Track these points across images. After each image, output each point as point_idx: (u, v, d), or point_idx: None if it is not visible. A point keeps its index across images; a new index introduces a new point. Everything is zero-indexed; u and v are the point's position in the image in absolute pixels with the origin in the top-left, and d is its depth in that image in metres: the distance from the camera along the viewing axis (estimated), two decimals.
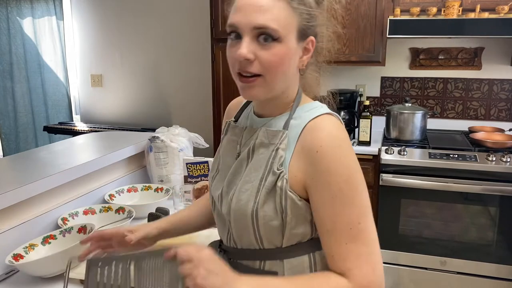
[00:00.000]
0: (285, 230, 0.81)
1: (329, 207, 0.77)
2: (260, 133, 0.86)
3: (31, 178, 1.33)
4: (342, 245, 0.76)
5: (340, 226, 0.76)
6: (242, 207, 0.82)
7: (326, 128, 0.80)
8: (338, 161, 0.77)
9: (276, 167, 0.80)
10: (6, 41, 3.87)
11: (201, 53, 3.31)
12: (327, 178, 0.76)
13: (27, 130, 4.04)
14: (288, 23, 0.78)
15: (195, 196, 1.67)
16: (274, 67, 0.78)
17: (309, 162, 0.78)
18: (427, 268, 2.45)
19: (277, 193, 0.80)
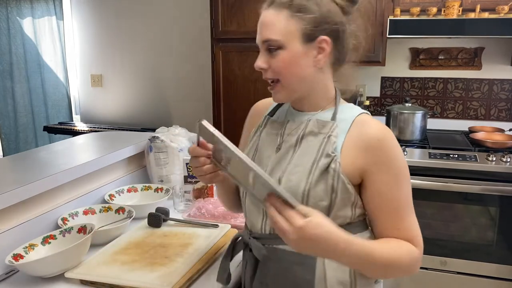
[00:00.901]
0: (331, 212, 0.90)
1: (394, 187, 0.89)
2: (310, 123, 0.95)
3: (31, 178, 1.33)
4: (406, 217, 0.91)
5: (403, 202, 0.90)
6: (292, 187, 0.90)
7: (376, 122, 0.93)
8: (397, 148, 0.91)
9: (331, 151, 0.90)
10: (6, 41, 3.87)
11: (201, 53, 3.30)
12: (391, 162, 0.89)
13: (27, 130, 4.04)
14: (289, 31, 0.89)
15: (195, 196, 1.67)
16: (284, 71, 0.91)
17: (370, 149, 0.89)
18: (427, 268, 2.45)
19: (330, 175, 0.88)
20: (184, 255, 1.20)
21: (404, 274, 0.90)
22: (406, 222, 0.91)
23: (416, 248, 0.90)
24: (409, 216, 0.91)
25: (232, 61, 2.64)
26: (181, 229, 1.39)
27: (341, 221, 0.91)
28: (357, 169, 0.90)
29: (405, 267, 0.89)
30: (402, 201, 0.90)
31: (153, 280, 1.07)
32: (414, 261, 0.90)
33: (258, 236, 0.98)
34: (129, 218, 1.43)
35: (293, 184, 0.90)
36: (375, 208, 0.92)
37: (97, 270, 1.13)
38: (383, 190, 0.89)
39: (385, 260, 0.86)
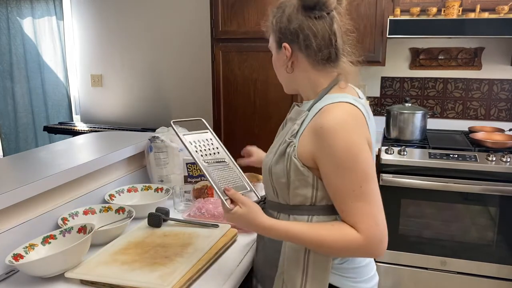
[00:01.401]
0: (290, 189, 1.05)
1: (333, 174, 0.97)
2: (292, 111, 1.13)
3: (31, 178, 1.33)
4: (348, 203, 0.96)
5: (345, 189, 0.96)
6: (265, 164, 1.11)
7: (334, 111, 0.99)
8: (339, 137, 0.95)
9: (288, 137, 1.04)
10: (6, 41, 3.87)
11: (201, 53, 3.31)
12: (330, 150, 0.96)
13: (27, 130, 4.04)
14: (272, 40, 1.12)
15: (195, 196, 1.67)
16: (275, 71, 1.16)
17: (315, 136, 0.98)
18: (427, 268, 2.45)
19: (285, 157, 1.03)
20: (184, 255, 1.20)
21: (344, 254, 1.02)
22: (348, 208, 0.96)
23: (358, 233, 0.95)
24: (353, 203, 0.95)
25: (232, 61, 2.64)
26: (181, 229, 1.39)
27: (302, 200, 1.05)
28: (308, 153, 1.00)
29: (337, 249, 0.97)
30: (344, 187, 0.96)
31: (153, 280, 1.07)
32: (352, 244, 0.95)
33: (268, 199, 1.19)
34: (129, 218, 1.43)
35: (265, 162, 1.11)
36: (327, 189, 1.01)
37: (97, 270, 1.13)
38: (327, 175, 0.99)
39: (311, 241, 0.98)
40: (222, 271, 1.18)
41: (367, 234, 0.94)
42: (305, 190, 1.03)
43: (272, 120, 2.59)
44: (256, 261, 1.23)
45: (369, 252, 0.96)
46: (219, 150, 1.18)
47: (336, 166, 0.95)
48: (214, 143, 1.18)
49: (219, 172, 1.11)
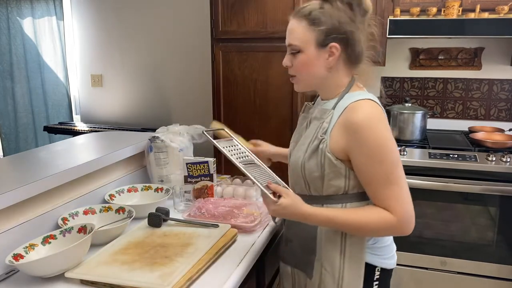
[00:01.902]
0: (324, 181, 1.15)
1: (367, 165, 1.08)
2: (316, 110, 1.21)
3: (31, 178, 1.33)
4: (380, 190, 1.09)
5: (378, 177, 1.08)
6: (296, 160, 1.20)
7: (363, 108, 1.10)
8: (371, 132, 1.07)
9: (321, 134, 1.14)
10: (6, 41, 3.87)
11: (201, 53, 3.30)
12: (363, 144, 1.07)
13: (27, 130, 4.04)
14: (307, 38, 1.13)
15: (195, 196, 1.67)
16: (300, 70, 1.17)
17: (348, 132, 1.09)
18: (427, 268, 2.45)
19: (318, 153, 1.14)
20: (184, 255, 1.20)
21: (380, 234, 1.16)
22: (382, 193, 1.09)
23: (392, 214, 1.07)
24: (385, 189, 1.08)
25: (232, 61, 2.64)
26: (181, 229, 1.39)
27: (335, 190, 1.16)
28: (340, 147, 1.11)
29: (375, 229, 1.10)
30: (376, 176, 1.08)
31: (153, 280, 1.07)
32: (387, 224, 1.08)
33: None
34: (129, 218, 1.43)
35: (295, 159, 1.20)
36: (359, 179, 1.13)
37: (97, 270, 1.13)
38: (360, 167, 1.10)
39: (349, 223, 1.10)
40: (222, 271, 1.18)
41: (399, 215, 1.07)
42: (338, 181, 1.14)
43: (272, 120, 2.59)
44: (288, 250, 1.32)
45: (401, 231, 1.09)
46: (247, 153, 1.28)
47: (369, 157, 1.07)
48: (241, 148, 1.30)
49: (255, 171, 1.19)
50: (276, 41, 2.48)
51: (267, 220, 1.48)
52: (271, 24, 2.49)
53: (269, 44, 2.51)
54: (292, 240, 1.29)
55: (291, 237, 1.29)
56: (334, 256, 1.18)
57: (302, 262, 1.26)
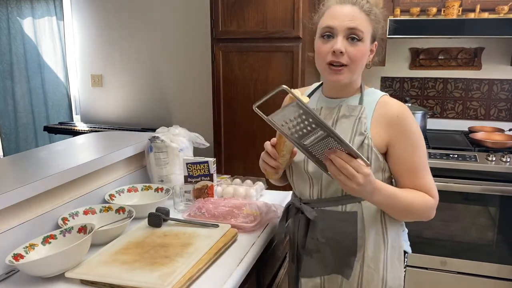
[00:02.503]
0: None
1: (411, 154, 1.14)
2: (342, 108, 1.20)
3: (31, 178, 1.33)
4: (421, 177, 1.16)
5: (419, 165, 1.15)
6: None
7: (395, 101, 1.18)
8: (413, 121, 1.15)
9: (363, 130, 1.14)
10: (6, 41, 3.87)
11: (201, 53, 3.30)
12: (408, 134, 1.14)
13: (27, 130, 4.04)
14: (366, 29, 1.13)
15: (195, 196, 1.67)
16: (358, 59, 1.13)
17: (391, 125, 1.14)
18: (427, 268, 2.45)
19: (364, 149, 1.13)
20: (184, 255, 1.20)
21: (420, 217, 1.17)
22: (422, 180, 1.15)
23: (432, 198, 1.16)
24: (424, 175, 1.16)
25: (232, 61, 2.64)
26: (181, 229, 1.39)
27: None
28: (383, 141, 1.15)
29: (422, 210, 1.15)
30: (417, 164, 1.15)
31: (153, 280, 1.07)
32: (428, 206, 1.16)
33: (307, 201, 1.25)
34: (129, 218, 1.43)
35: None
36: (398, 170, 1.17)
37: (97, 270, 1.13)
38: (403, 156, 1.15)
39: (405, 202, 1.13)
40: (222, 271, 1.18)
41: (436, 198, 1.16)
42: (378, 175, 1.17)
43: None
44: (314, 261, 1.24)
45: (433, 214, 1.17)
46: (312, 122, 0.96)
47: (413, 147, 1.14)
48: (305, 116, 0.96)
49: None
50: (276, 41, 2.48)
51: (267, 220, 1.48)
52: (271, 24, 2.49)
53: (269, 44, 2.51)
54: (320, 249, 1.23)
55: (319, 246, 1.23)
56: (379, 251, 1.19)
57: (338, 266, 1.23)
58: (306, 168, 1.22)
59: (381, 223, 1.20)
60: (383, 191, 1.09)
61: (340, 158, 0.98)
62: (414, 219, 1.19)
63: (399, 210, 1.15)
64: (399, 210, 1.15)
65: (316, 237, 1.22)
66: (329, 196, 1.20)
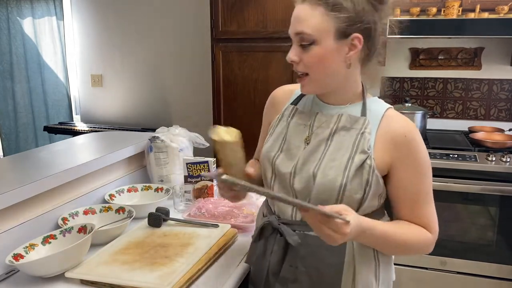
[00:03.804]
0: (364, 203, 0.97)
1: (415, 180, 0.98)
2: (343, 118, 1.00)
3: (31, 178, 1.33)
4: (422, 207, 1.00)
5: (423, 194, 0.99)
6: (330, 181, 0.96)
7: (403, 118, 1.00)
8: (421, 144, 0.97)
9: (366, 148, 0.96)
10: (6, 41, 3.87)
11: (201, 53, 3.30)
12: (415, 158, 0.97)
13: (27, 130, 4.04)
14: (323, 28, 0.92)
15: (195, 196, 1.67)
16: (314, 66, 0.95)
17: (397, 145, 0.96)
18: (427, 268, 2.45)
19: (365, 170, 0.95)
20: (184, 255, 1.20)
21: (415, 253, 1.04)
22: (422, 211, 1.00)
23: (430, 233, 1.01)
24: (425, 206, 1.00)
25: (232, 61, 2.64)
26: (181, 229, 1.39)
27: (369, 210, 1.01)
28: (385, 163, 0.97)
29: (417, 247, 1.01)
30: (421, 193, 0.99)
31: (153, 280, 1.07)
32: (426, 243, 1.01)
33: (288, 222, 1.04)
34: (129, 218, 1.43)
35: (330, 179, 0.96)
36: (397, 197, 1.01)
37: (97, 270, 1.13)
38: (405, 183, 0.98)
39: (397, 240, 0.98)
40: (222, 271, 1.18)
41: (435, 233, 1.01)
42: (374, 200, 1.01)
43: None
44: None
45: (430, 249, 1.02)
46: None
47: (419, 173, 0.97)
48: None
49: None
50: (276, 41, 2.48)
51: None
52: (271, 24, 2.50)
53: (269, 44, 2.51)
54: (298, 279, 1.03)
55: (298, 276, 1.03)
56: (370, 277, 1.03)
57: None
58: (292, 183, 1.02)
59: (374, 258, 1.03)
60: (373, 232, 0.93)
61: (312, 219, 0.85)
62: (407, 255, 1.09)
63: (390, 248, 1.02)
64: (391, 248, 1.02)
65: (295, 265, 1.03)
66: None
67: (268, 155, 1.09)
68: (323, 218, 0.84)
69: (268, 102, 1.21)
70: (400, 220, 1.03)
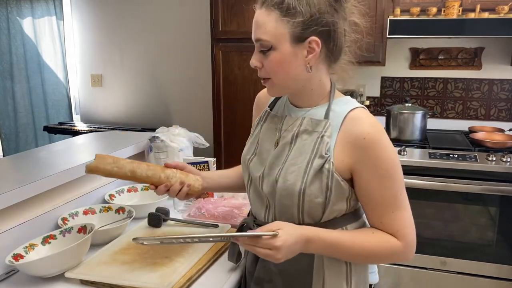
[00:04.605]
0: (327, 207, 0.96)
1: (377, 185, 0.93)
2: (305, 121, 0.99)
3: (31, 178, 1.33)
4: (389, 213, 0.94)
5: (388, 199, 0.94)
6: (289, 186, 0.95)
7: (367, 118, 0.95)
8: (383, 146, 0.93)
9: (324, 152, 0.93)
10: (6, 41, 3.87)
11: (201, 53, 3.31)
12: (375, 161, 0.92)
13: (27, 130, 4.04)
14: (279, 33, 0.91)
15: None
16: (274, 70, 0.95)
17: (356, 148, 0.93)
18: (427, 268, 2.45)
19: (324, 174, 0.93)
20: (184, 255, 1.20)
21: (385, 262, 1.00)
22: (389, 217, 0.95)
23: (399, 240, 0.95)
24: (393, 212, 0.95)
25: (232, 61, 2.64)
26: (181, 229, 1.39)
27: (337, 214, 0.99)
28: (347, 166, 0.94)
29: (382, 256, 0.97)
30: (386, 198, 0.94)
31: (153, 280, 1.07)
32: (392, 252, 0.96)
33: (261, 223, 1.02)
34: (129, 218, 1.43)
35: (289, 184, 0.96)
36: (363, 202, 0.99)
37: (97, 270, 1.13)
38: (368, 187, 0.95)
39: (357, 249, 0.95)
40: (222, 271, 1.18)
41: (407, 241, 0.95)
42: (341, 204, 0.98)
43: None
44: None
45: (405, 257, 0.97)
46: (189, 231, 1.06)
47: (381, 177, 0.93)
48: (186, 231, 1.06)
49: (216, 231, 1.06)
50: None
51: None
52: None
53: None
54: (272, 280, 1.04)
55: (271, 276, 1.04)
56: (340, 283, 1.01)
57: None
58: (261, 185, 1.02)
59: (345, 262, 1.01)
60: (320, 241, 0.92)
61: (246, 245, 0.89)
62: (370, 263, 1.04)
63: (350, 257, 0.98)
64: (351, 257, 0.98)
65: (268, 265, 1.03)
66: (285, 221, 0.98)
67: (244, 158, 1.11)
68: (253, 240, 0.87)
69: (254, 104, 1.22)
70: (370, 227, 1.00)
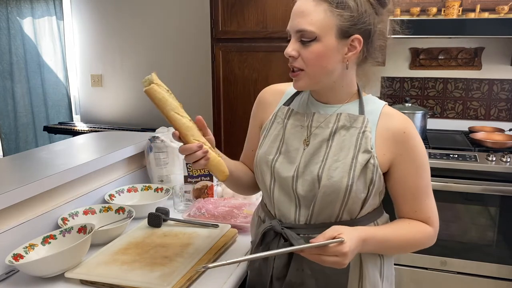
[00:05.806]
0: (366, 202, 0.98)
1: (414, 176, 0.99)
2: (342, 117, 1.00)
3: (31, 178, 1.33)
4: (423, 201, 1.01)
5: (422, 189, 1.00)
6: (335, 183, 0.95)
7: (399, 114, 1.01)
8: (419, 139, 0.99)
9: (369, 147, 0.96)
10: (6, 41, 3.87)
11: (201, 53, 3.30)
12: (414, 153, 0.98)
13: (27, 130, 4.04)
14: (326, 24, 0.91)
15: (195, 196, 1.67)
16: (312, 62, 0.94)
17: (397, 142, 0.97)
18: (427, 268, 2.45)
19: (369, 169, 0.96)
20: (184, 255, 1.20)
21: (418, 248, 1.04)
22: (423, 205, 1.01)
23: (431, 227, 1.02)
24: (425, 200, 1.01)
25: (232, 61, 2.64)
26: (181, 229, 1.39)
27: (371, 209, 1.03)
28: (386, 160, 0.98)
29: (420, 243, 1.03)
30: (421, 188, 1.00)
31: (153, 280, 1.07)
32: (428, 238, 1.02)
33: (291, 226, 1.03)
34: (129, 218, 1.43)
35: (335, 180, 0.95)
36: (398, 193, 1.02)
37: (97, 270, 1.13)
38: (406, 179, 0.99)
39: (402, 241, 1.00)
40: (222, 271, 1.18)
41: (435, 226, 1.03)
42: (375, 199, 1.03)
43: None
44: None
45: (434, 241, 1.04)
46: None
47: (419, 168, 0.99)
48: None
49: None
50: (276, 41, 2.48)
51: None
52: (271, 24, 2.50)
53: (269, 44, 2.51)
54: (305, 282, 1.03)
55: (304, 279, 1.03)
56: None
57: None
58: (295, 187, 1.01)
59: (379, 254, 1.05)
60: (374, 238, 0.95)
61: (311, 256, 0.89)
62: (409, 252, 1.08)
63: (395, 250, 1.05)
64: (395, 250, 1.04)
65: (302, 268, 1.02)
66: (320, 221, 1.00)
67: (267, 159, 1.06)
68: (319, 250, 0.87)
69: (256, 102, 1.18)
70: (401, 218, 1.05)
